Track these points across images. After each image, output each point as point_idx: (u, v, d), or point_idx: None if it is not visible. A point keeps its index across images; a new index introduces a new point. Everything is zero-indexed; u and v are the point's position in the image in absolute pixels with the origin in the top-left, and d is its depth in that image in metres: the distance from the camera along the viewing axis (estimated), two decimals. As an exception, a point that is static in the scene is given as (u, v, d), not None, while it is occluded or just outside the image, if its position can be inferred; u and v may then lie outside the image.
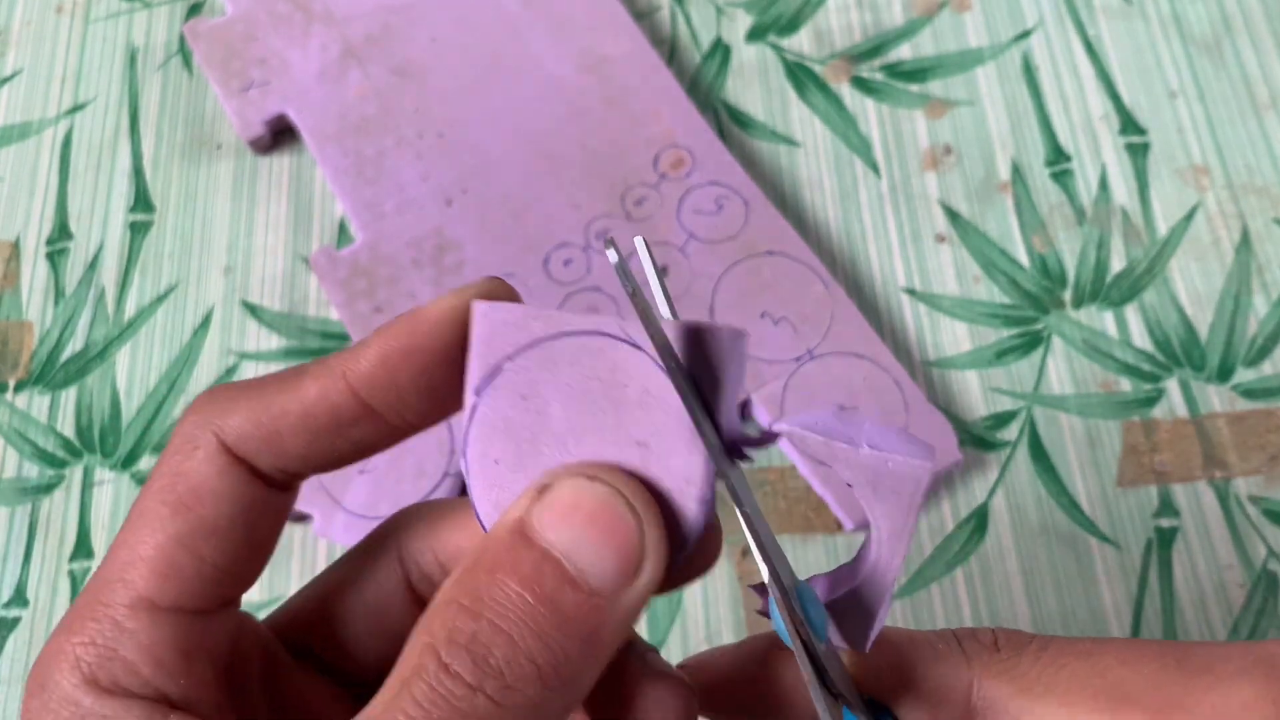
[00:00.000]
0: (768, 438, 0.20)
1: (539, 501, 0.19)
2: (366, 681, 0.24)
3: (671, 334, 0.19)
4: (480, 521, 0.21)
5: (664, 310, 0.21)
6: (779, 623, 0.21)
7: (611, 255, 0.19)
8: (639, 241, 0.21)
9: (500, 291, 0.21)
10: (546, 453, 0.20)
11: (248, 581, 0.21)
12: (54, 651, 0.20)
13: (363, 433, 0.21)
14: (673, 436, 0.19)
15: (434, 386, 0.21)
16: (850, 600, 0.21)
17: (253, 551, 0.21)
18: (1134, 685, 0.21)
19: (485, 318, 0.20)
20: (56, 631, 0.20)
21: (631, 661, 0.22)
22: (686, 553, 0.20)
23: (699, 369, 0.20)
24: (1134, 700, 0.20)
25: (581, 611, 0.19)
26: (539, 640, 0.18)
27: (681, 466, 0.19)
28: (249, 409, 0.21)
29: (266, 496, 0.21)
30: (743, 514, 0.20)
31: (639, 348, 0.20)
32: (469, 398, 0.20)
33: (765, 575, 0.20)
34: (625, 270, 0.19)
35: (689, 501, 0.20)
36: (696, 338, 0.19)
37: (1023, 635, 0.22)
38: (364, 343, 0.21)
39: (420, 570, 0.23)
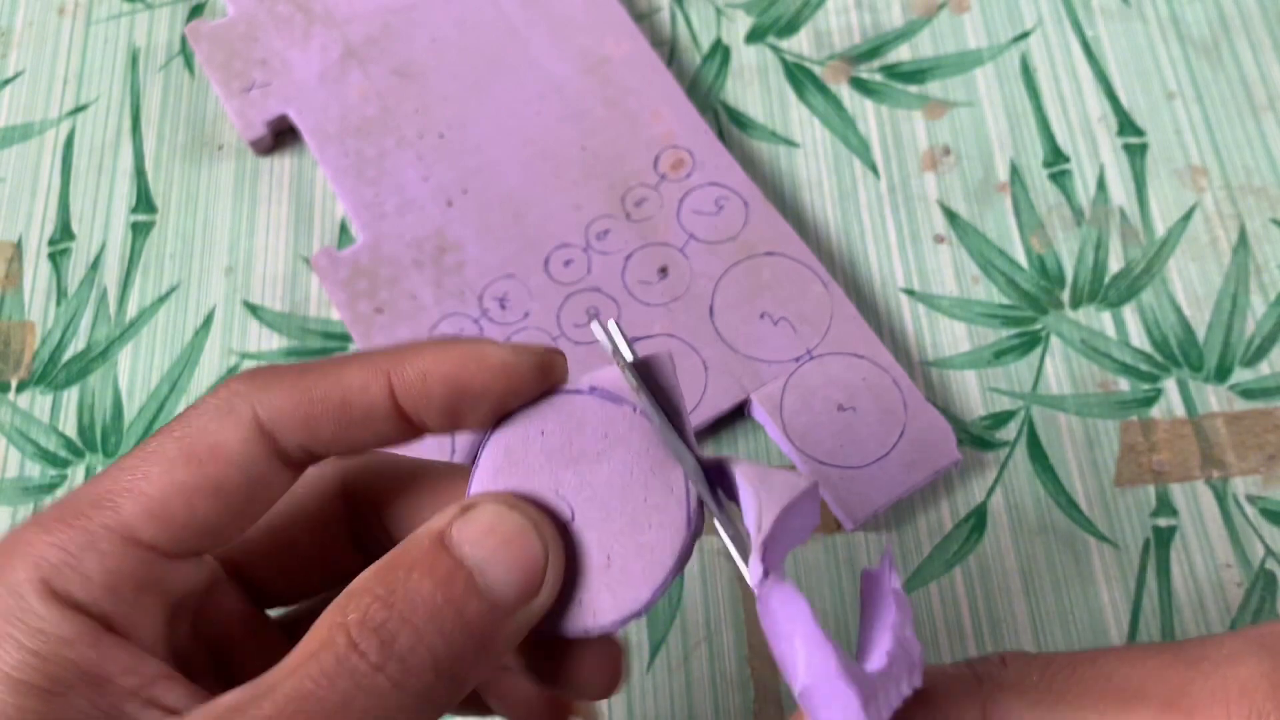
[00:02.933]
0: (716, 463, 0.22)
1: (462, 518, 0.21)
2: (285, 605, 0.26)
3: (632, 368, 0.22)
4: None
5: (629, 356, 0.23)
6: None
7: (596, 330, 0.22)
8: (612, 325, 0.23)
9: (554, 366, 0.23)
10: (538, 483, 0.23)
11: (224, 542, 0.23)
12: (19, 542, 0.21)
13: (388, 428, 0.23)
14: (646, 458, 0.22)
15: (458, 411, 0.23)
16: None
17: (241, 518, 0.23)
18: (1139, 682, 0.21)
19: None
20: (30, 521, 0.21)
21: None
22: (653, 600, 0.22)
23: (660, 397, 0.22)
24: (1141, 696, 0.21)
25: (482, 619, 0.21)
26: (440, 637, 0.20)
27: (662, 481, 0.22)
28: (291, 388, 0.22)
29: (276, 474, 0.23)
30: (721, 521, 0.22)
31: (586, 392, 0.23)
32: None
33: (733, 552, 0.22)
34: (615, 347, 0.22)
35: (677, 507, 0.22)
36: (646, 368, 0.22)
37: (1029, 654, 0.23)
38: (413, 350, 0.23)
39: (364, 523, 0.25)
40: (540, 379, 0.23)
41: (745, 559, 0.21)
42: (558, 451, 0.23)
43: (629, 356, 0.23)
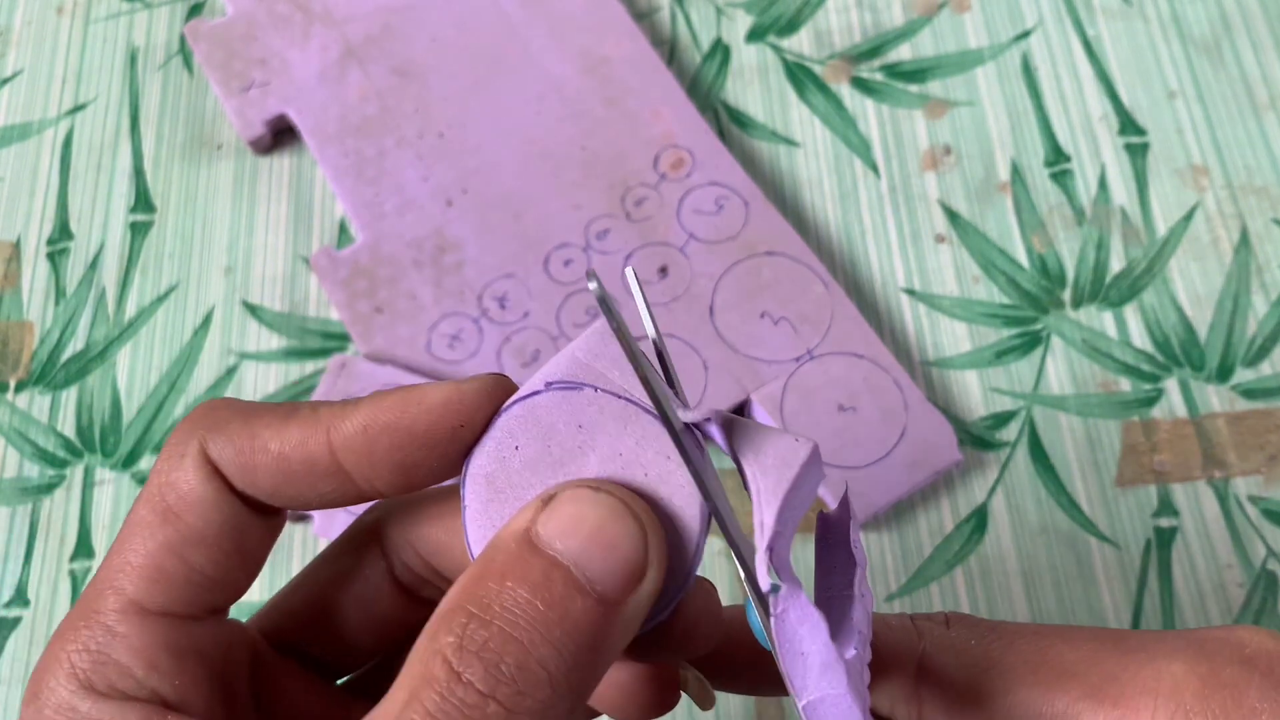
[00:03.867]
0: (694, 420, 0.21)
1: (544, 511, 0.19)
2: (352, 671, 0.25)
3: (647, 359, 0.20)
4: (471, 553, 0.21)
5: (650, 330, 0.22)
6: (754, 619, 0.21)
7: (593, 286, 0.20)
8: (629, 272, 0.22)
9: (501, 391, 0.21)
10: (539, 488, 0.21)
11: (236, 591, 0.22)
12: (48, 660, 0.20)
13: (330, 488, 0.21)
14: (636, 438, 0.21)
15: (408, 464, 0.21)
16: None
17: (241, 562, 0.21)
18: (1074, 662, 0.21)
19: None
20: (51, 641, 0.21)
21: None
22: (692, 572, 0.21)
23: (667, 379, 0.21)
24: (1073, 675, 0.21)
25: (591, 617, 0.19)
26: (551, 646, 0.18)
27: (654, 455, 0.20)
28: (234, 433, 0.21)
29: (250, 516, 0.21)
30: (716, 515, 0.21)
31: (543, 390, 0.21)
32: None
33: (741, 574, 0.21)
34: (608, 306, 0.20)
35: (684, 490, 0.20)
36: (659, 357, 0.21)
37: (975, 618, 0.23)
38: (354, 405, 0.21)
39: (401, 561, 0.24)
40: (487, 405, 0.21)
41: (738, 546, 0.20)
42: (539, 460, 0.21)
43: (638, 296, 0.21)
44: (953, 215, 0.44)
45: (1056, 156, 0.45)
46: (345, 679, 0.25)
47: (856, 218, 0.45)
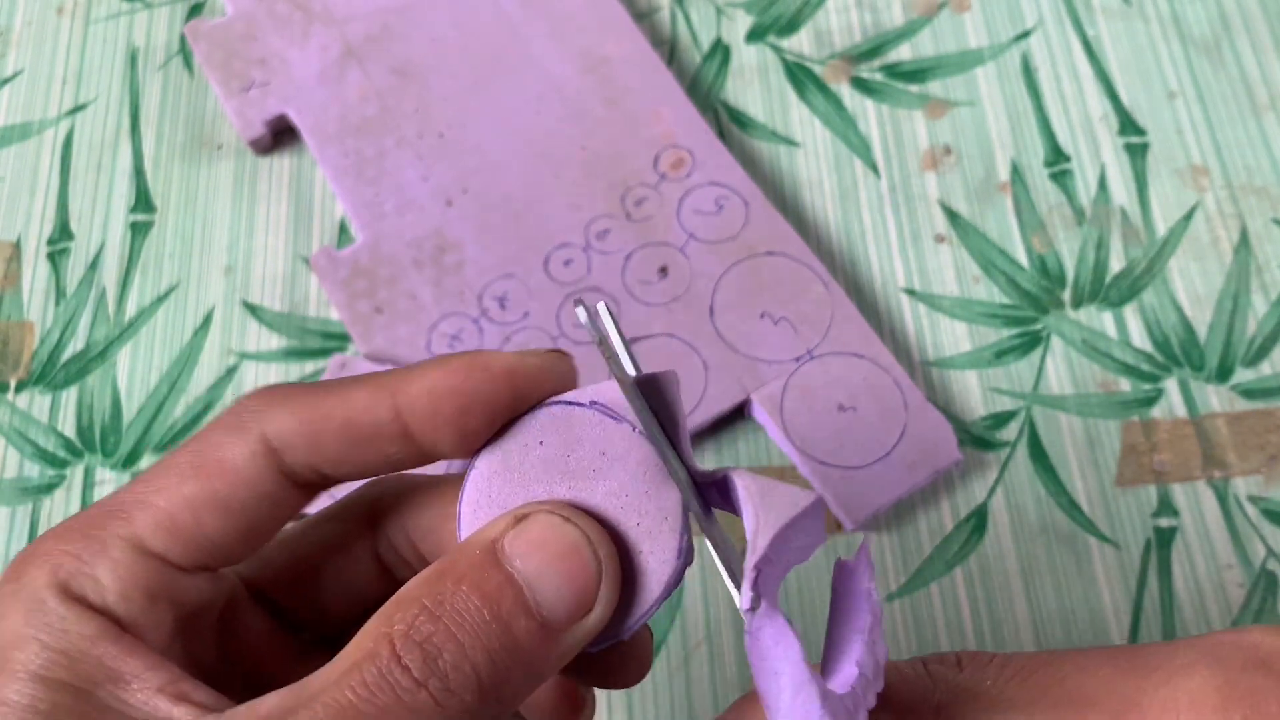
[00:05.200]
0: (719, 477, 0.22)
1: (514, 529, 0.21)
2: (321, 632, 0.26)
3: (631, 388, 0.21)
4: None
5: (630, 369, 0.22)
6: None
7: (581, 314, 0.21)
8: (602, 307, 0.22)
9: (561, 368, 0.23)
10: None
11: (231, 560, 0.23)
12: (36, 551, 0.21)
13: (395, 450, 0.22)
14: (643, 480, 0.22)
15: (470, 429, 0.22)
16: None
17: (248, 537, 0.22)
18: (1091, 690, 0.21)
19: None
20: (46, 534, 0.22)
21: None
22: (677, 576, 0.22)
23: (659, 415, 0.22)
24: (1093, 704, 0.21)
25: (530, 638, 0.20)
26: (486, 655, 0.20)
27: (657, 506, 0.22)
28: (300, 407, 0.22)
29: (285, 493, 0.22)
30: (713, 542, 0.21)
31: (587, 406, 0.22)
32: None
33: (723, 574, 0.21)
34: (595, 325, 0.21)
35: (668, 536, 0.21)
36: (648, 386, 0.22)
37: (985, 654, 0.23)
38: (420, 368, 0.22)
39: (389, 543, 0.25)
40: (547, 382, 0.22)
41: (738, 582, 0.21)
42: (554, 464, 0.22)
43: (617, 342, 0.22)
44: (953, 215, 0.44)
45: (1056, 156, 0.45)
46: (307, 635, 0.26)
47: (856, 218, 0.45)
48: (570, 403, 0.22)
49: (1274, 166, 0.45)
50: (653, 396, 0.22)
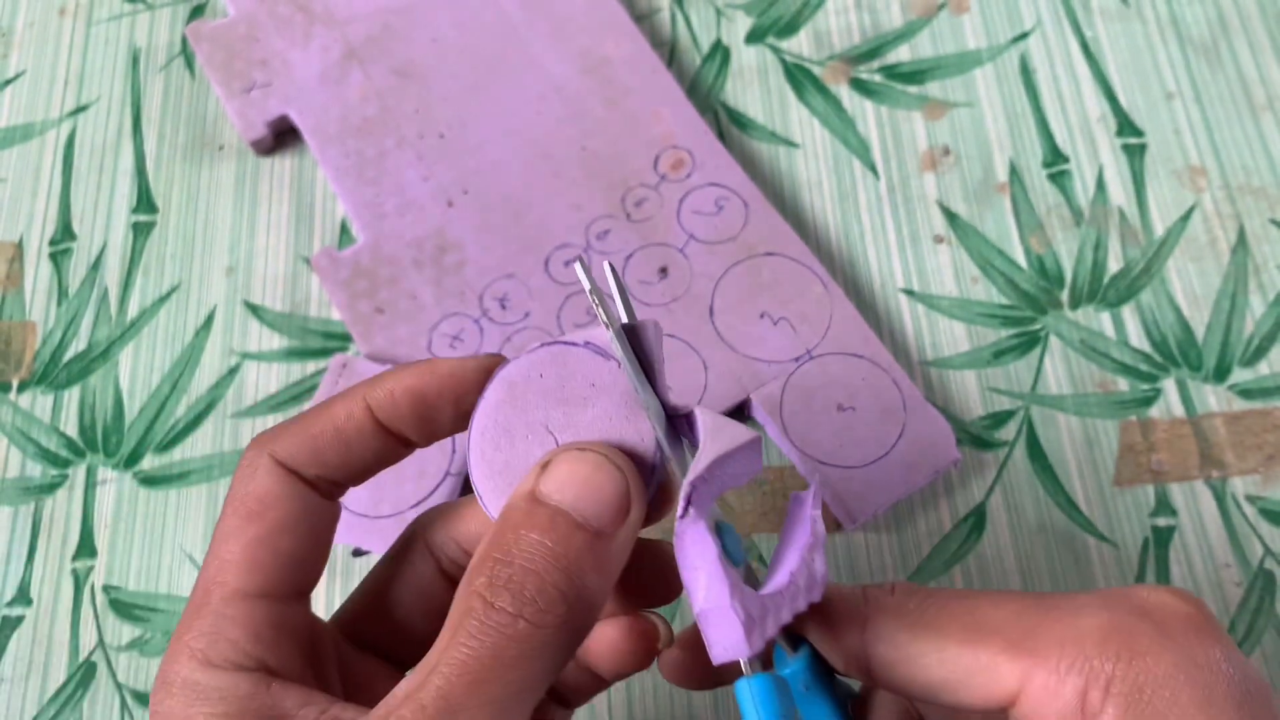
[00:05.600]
0: (681, 411, 0.26)
1: (543, 474, 0.24)
2: (415, 659, 0.28)
3: (616, 332, 0.26)
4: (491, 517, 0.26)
5: (622, 316, 0.27)
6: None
7: (578, 270, 0.26)
8: (606, 265, 0.27)
9: (497, 366, 0.26)
10: (532, 455, 0.26)
11: (315, 572, 0.27)
12: (172, 652, 0.24)
13: (378, 444, 0.27)
14: (624, 408, 0.26)
15: (427, 418, 0.27)
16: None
17: (315, 546, 0.26)
18: (998, 620, 0.24)
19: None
20: (171, 640, 0.25)
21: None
22: (653, 490, 0.25)
23: (640, 356, 0.26)
24: (996, 631, 0.24)
25: (591, 547, 0.24)
26: (561, 573, 0.23)
27: (635, 429, 0.25)
28: (294, 433, 0.26)
29: (316, 506, 0.26)
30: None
31: (581, 345, 0.26)
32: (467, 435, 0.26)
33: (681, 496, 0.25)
34: (590, 279, 0.25)
35: (646, 453, 0.25)
36: (632, 333, 0.26)
37: (917, 586, 0.26)
38: (385, 376, 0.27)
39: (447, 557, 0.29)
40: (484, 380, 0.26)
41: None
42: (551, 392, 0.26)
43: (617, 295, 0.26)
44: (951, 216, 0.45)
45: (1054, 157, 0.45)
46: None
47: (855, 218, 0.45)
48: (568, 343, 0.26)
49: (1271, 167, 0.45)
50: (635, 341, 0.26)
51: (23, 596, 0.40)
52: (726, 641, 0.23)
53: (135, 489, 0.41)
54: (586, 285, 0.25)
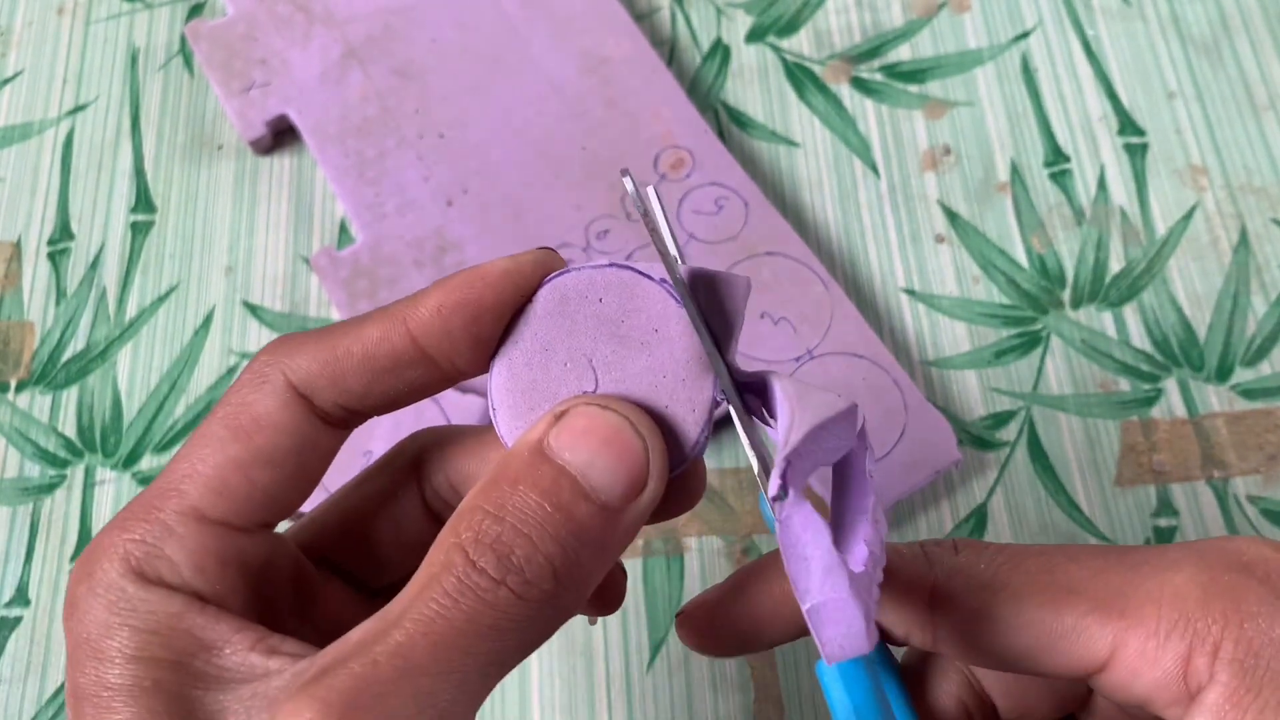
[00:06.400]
0: (758, 380, 0.23)
1: (556, 425, 0.21)
2: (383, 588, 0.26)
3: (685, 274, 0.22)
4: (505, 443, 0.23)
5: (674, 252, 0.23)
6: (766, 511, 0.23)
7: (628, 184, 0.22)
8: (650, 191, 0.23)
9: (552, 262, 0.23)
10: (566, 386, 0.23)
11: (289, 510, 0.23)
12: (103, 545, 0.22)
13: (417, 375, 0.23)
14: (683, 368, 0.22)
15: (482, 338, 0.23)
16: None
17: (299, 484, 0.23)
18: (1080, 579, 0.22)
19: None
20: (106, 529, 0.22)
21: None
22: (682, 470, 0.22)
23: (711, 309, 0.22)
24: (1080, 591, 0.22)
25: (593, 521, 0.21)
26: (555, 544, 0.20)
27: (688, 396, 0.22)
28: (316, 350, 0.23)
29: (321, 434, 0.23)
30: (739, 418, 0.22)
31: (655, 280, 0.22)
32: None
33: (754, 465, 0.22)
34: (641, 197, 0.21)
35: (690, 428, 0.22)
36: (709, 283, 0.22)
37: (982, 543, 0.24)
38: (424, 293, 0.23)
39: (434, 490, 0.26)
40: (541, 276, 0.23)
41: (768, 476, 0.21)
42: (608, 322, 0.22)
43: (666, 234, 0.23)
44: (952, 215, 0.44)
45: (1056, 157, 0.45)
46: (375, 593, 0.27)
47: (856, 218, 0.45)
48: (642, 273, 0.22)
49: (1273, 166, 0.45)
50: (714, 293, 0.22)
51: (21, 597, 0.40)
52: (846, 638, 0.20)
53: (134, 489, 0.41)
54: (659, 212, 0.22)
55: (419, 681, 0.19)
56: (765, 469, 0.22)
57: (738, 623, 0.26)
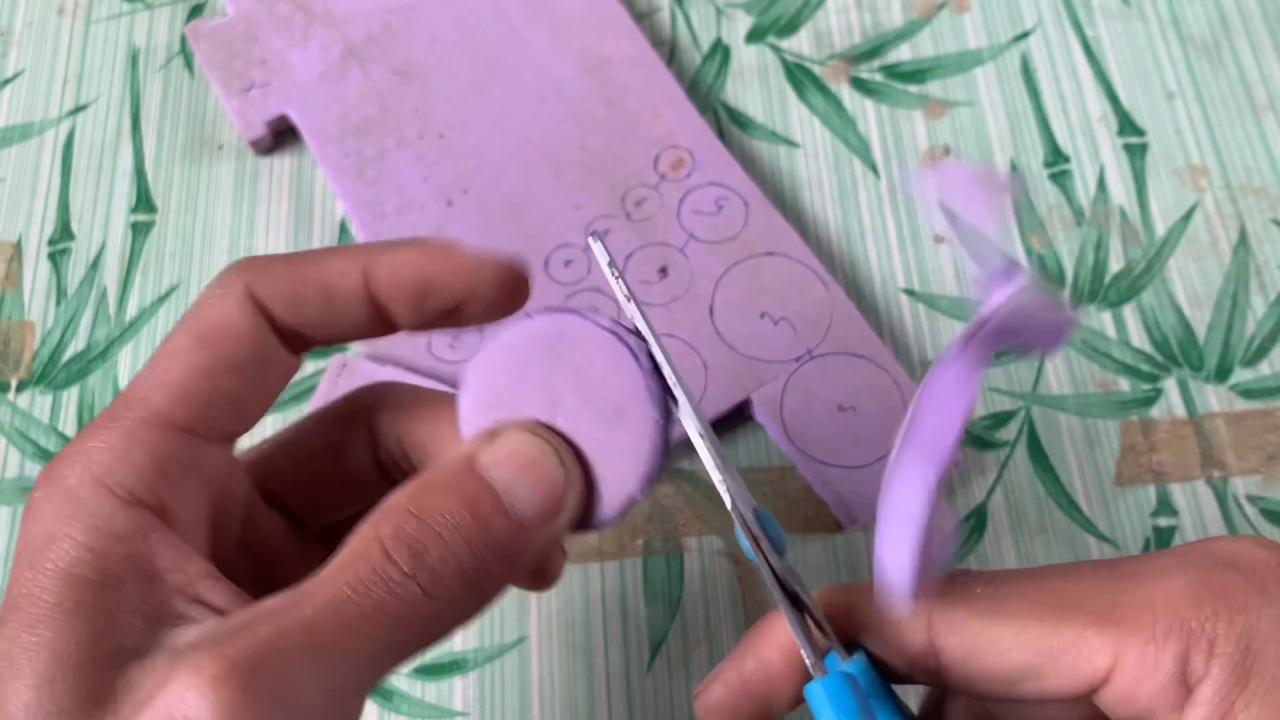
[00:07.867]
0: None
1: (489, 444, 0.23)
2: (323, 530, 0.27)
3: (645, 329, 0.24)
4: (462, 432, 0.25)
5: (669, 371, 0.24)
6: (744, 543, 0.24)
7: (595, 245, 0.24)
8: (592, 241, 0.25)
9: (515, 282, 0.25)
10: (529, 407, 0.24)
11: (249, 421, 0.24)
12: (71, 451, 0.22)
13: (361, 317, 0.25)
14: (625, 461, 0.24)
15: (424, 308, 0.25)
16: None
17: (262, 393, 0.24)
18: (1076, 595, 0.23)
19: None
20: (75, 439, 0.23)
21: None
22: (587, 531, 0.24)
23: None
24: (1077, 607, 0.23)
25: (507, 535, 0.22)
26: (468, 549, 0.22)
27: (618, 480, 0.24)
28: (280, 271, 0.24)
29: (278, 355, 0.24)
30: (713, 453, 0.24)
31: (643, 372, 0.24)
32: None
33: (728, 502, 0.24)
34: (610, 257, 0.24)
35: (606, 506, 0.24)
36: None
37: (977, 571, 0.25)
38: (396, 245, 0.24)
39: (385, 448, 0.27)
40: (498, 289, 0.25)
41: (727, 490, 0.23)
42: (584, 381, 0.24)
43: (621, 290, 0.24)
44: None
45: (1055, 157, 0.45)
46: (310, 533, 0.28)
47: (856, 218, 0.45)
48: (637, 359, 0.24)
49: (1273, 167, 0.45)
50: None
51: (21, 597, 0.40)
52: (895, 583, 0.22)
53: (134, 489, 0.41)
54: (611, 274, 0.24)
55: (320, 657, 0.20)
56: (740, 516, 0.24)
57: (751, 684, 0.26)
